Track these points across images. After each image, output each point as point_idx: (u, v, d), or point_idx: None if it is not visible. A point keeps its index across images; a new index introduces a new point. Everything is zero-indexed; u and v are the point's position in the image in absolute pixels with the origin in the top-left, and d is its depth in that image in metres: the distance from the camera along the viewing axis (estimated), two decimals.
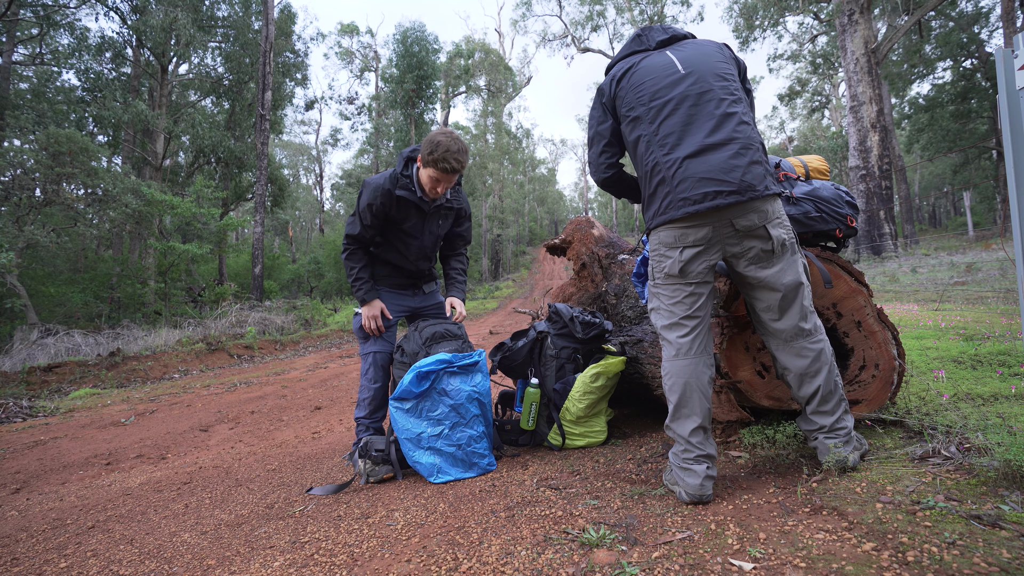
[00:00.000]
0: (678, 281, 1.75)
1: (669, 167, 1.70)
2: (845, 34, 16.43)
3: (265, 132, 14.67)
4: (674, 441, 1.80)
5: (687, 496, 1.69)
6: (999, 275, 8.69)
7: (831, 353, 1.74)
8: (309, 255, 27.44)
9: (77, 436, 4.38)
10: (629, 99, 1.81)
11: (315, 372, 7.06)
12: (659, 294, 1.82)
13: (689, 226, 1.69)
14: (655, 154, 1.74)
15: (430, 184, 2.41)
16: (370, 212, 2.46)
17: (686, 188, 1.66)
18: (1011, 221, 1.93)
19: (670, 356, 1.78)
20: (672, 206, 1.69)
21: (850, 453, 1.69)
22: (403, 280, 2.74)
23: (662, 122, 1.74)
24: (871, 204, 15.59)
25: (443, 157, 2.29)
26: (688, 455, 1.71)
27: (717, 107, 1.72)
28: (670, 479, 1.80)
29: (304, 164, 50.22)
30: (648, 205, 1.81)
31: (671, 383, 1.77)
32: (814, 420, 1.75)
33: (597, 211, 67.38)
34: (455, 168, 2.32)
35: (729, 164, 1.65)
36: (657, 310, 1.83)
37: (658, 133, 1.74)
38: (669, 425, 1.80)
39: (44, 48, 16.49)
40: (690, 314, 1.75)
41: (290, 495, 2.33)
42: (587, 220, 3.56)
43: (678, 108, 1.74)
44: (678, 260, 1.73)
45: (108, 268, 15.10)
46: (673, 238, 1.73)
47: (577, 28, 33.07)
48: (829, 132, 35.01)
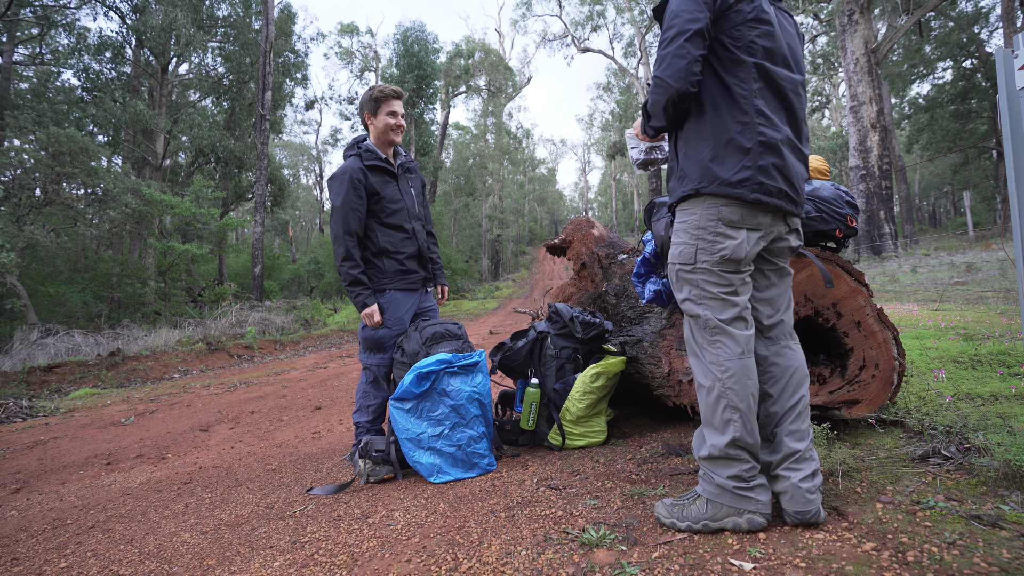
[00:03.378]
0: (734, 268, 1.51)
1: (763, 141, 1.48)
2: (845, 34, 16.43)
3: (265, 132, 14.67)
4: (720, 463, 1.49)
5: (762, 519, 1.44)
6: (999, 275, 8.69)
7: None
8: (309, 255, 27.44)
9: (77, 436, 4.38)
10: (750, 33, 1.50)
11: (315, 372, 7.06)
12: (704, 281, 1.52)
13: (759, 207, 1.50)
14: (752, 116, 1.48)
15: (390, 123, 2.62)
16: (353, 191, 2.53)
17: (766, 175, 1.48)
18: (1011, 221, 1.93)
19: (735, 354, 1.48)
20: (746, 185, 1.46)
21: (819, 503, 1.45)
22: (413, 265, 2.69)
23: (774, 91, 1.52)
24: (871, 204, 15.59)
25: (380, 90, 2.60)
26: (752, 476, 1.46)
27: (805, 109, 1.59)
28: (713, 513, 1.47)
29: (304, 164, 50.24)
30: (701, 160, 1.52)
31: (740, 388, 1.47)
32: (788, 445, 1.49)
33: (597, 211, 67.41)
34: (396, 91, 2.63)
35: (802, 176, 1.56)
36: (703, 301, 1.53)
37: (765, 97, 1.51)
38: (738, 441, 1.45)
39: (44, 48, 16.50)
40: (746, 305, 1.53)
41: (290, 495, 2.33)
42: (587, 220, 3.56)
43: (790, 91, 1.55)
44: (745, 243, 1.49)
45: (108, 268, 15.10)
46: (739, 216, 1.49)
47: (577, 28, 33.05)
48: (829, 132, 35.01)
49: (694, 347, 1.58)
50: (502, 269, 40.42)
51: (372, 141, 2.68)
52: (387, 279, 2.63)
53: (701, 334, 1.55)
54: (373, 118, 2.63)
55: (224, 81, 19.34)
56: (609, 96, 42.55)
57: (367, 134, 2.71)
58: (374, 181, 2.59)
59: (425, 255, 2.76)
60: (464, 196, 36.83)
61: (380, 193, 2.60)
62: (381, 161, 2.63)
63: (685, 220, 1.57)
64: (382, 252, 2.62)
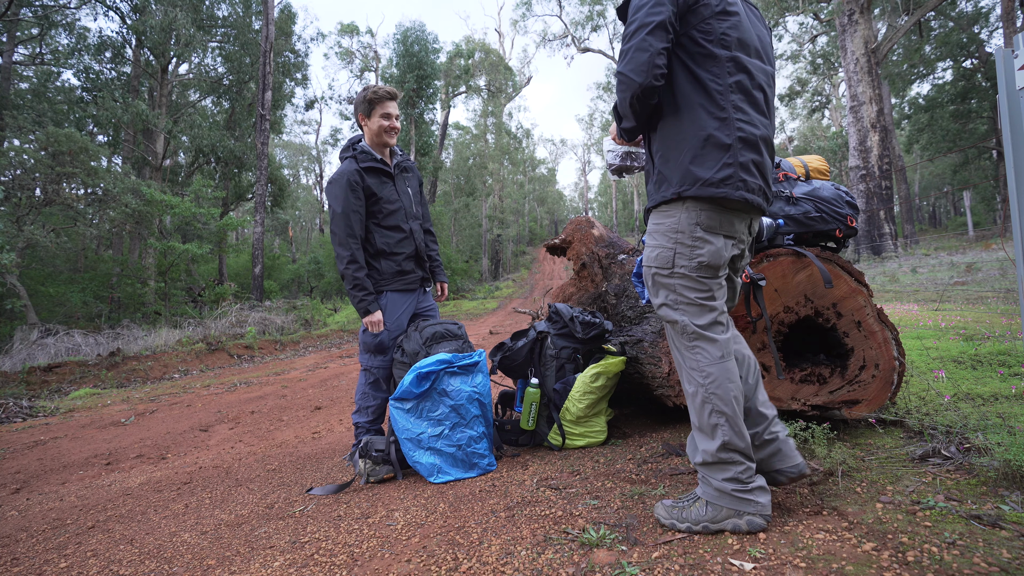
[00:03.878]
0: (711, 274, 1.49)
1: (743, 137, 1.45)
2: (845, 34, 16.43)
3: (265, 132, 14.67)
4: (714, 468, 1.48)
5: (762, 521, 1.43)
6: (999, 275, 8.69)
7: None
8: (309, 255, 27.45)
9: (77, 436, 4.38)
10: (720, 26, 1.47)
11: (315, 372, 7.06)
12: (681, 286, 1.50)
13: (735, 213, 1.49)
14: (729, 112, 1.44)
15: (384, 124, 2.60)
16: (352, 194, 2.52)
17: (748, 172, 1.45)
18: (1011, 221, 1.93)
19: (715, 358, 1.47)
20: (730, 183, 1.43)
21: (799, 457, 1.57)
22: (410, 266, 2.69)
23: (751, 84, 1.49)
24: (871, 204, 15.59)
25: (374, 91, 2.58)
26: (749, 478, 1.46)
27: (773, 107, 1.56)
28: (713, 516, 1.46)
29: (304, 164, 50.25)
30: (680, 162, 1.47)
31: (723, 392, 1.46)
32: (764, 412, 1.59)
33: (597, 211, 67.40)
34: (390, 92, 2.61)
35: (772, 171, 1.55)
36: (679, 306, 1.51)
37: (742, 91, 1.47)
38: (729, 445, 1.44)
39: (44, 48, 16.50)
40: (723, 309, 1.53)
41: (290, 495, 2.33)
42: (587, 220, 3.56)
43: (764, 84, 1.53)
44: (723, 249, 1.48)
45: (108, 268, 15.11)
46: (717, 222, 1.47)
47: (577, 28, 33.08)
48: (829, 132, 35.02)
49: (675, 352, 1.58)
50: (502, 269, 40.42)
51: (367, 142, 2.67)
52: (384, 280, 2.63)
53: (680, 340, 1.54)
54: (367, 119, 2.62)
55: (224, 81, 19.35)
56: (609, 96, 42.60)
57: (362, 135, 2.71)
58: (371, 182, 2.59)
59: (423, 255, 2.75)
60: (464, 196, 36.84)
61: (377, 194, 2.60)
62: (377, 162, 2.62)
63: (662, 223, 1.54)
64: (379, 254, 2.62)
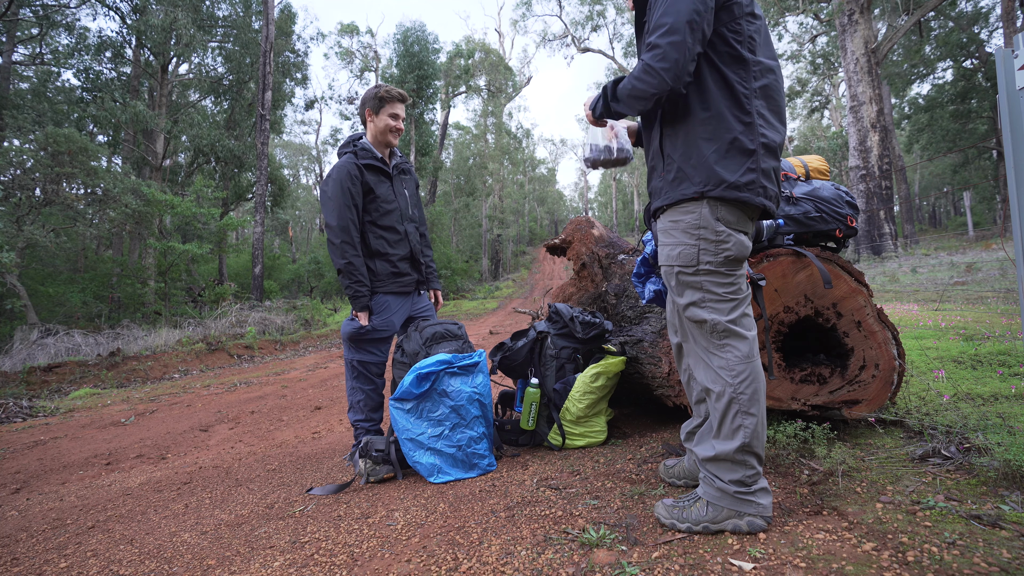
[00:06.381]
0: (738, 267, 1.49)
1: (765, 143, 1.47)
2: (845, 34, 16.43)
3: (265, 132, 14.67)
4: (724, 466, 1.47)
5: (762, 522, 1.43)
6: (999, 275, 8.70)
7: None
8: (309, 255, 27.43)
9: (77, 436, 4.38)
10: (749, 28, 1.46)
11: (315, 372, 7.06)
12: (708, 282, 1.49)
13: (749, 213, 1.51)
14: (754, 117, 1.46)
15: (391, 124, 2.61)
16: (351, 183, 2.52)
17: (768, 179, 1.48)
18: (1011, 221, 1.93)
19: (744, 356, 1.45)
20: (752, 188, 1.45)
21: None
22: (405, 267, 2.68)
23: (772, 90, 1.50)
24: (871, 204, 15.59)
25: (387, 91, 2.59)
26: (755, 480, 1.45)
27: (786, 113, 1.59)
28: (714, 516, 1.46)
29: (304, 164, 50.27)
30: (704, 161, 1.46)
31: (751, 392, 1.44)
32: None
33: (597, 211, 67.41)
34: (402, 95, 2.63)
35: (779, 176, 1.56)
36: (707, 304, 1.49)
37: (764, 97, 1.49)
38: (747, 448, 1.43)
39: (44, 48, 16.49)
40: (748, 299, 1.53)
41: (290, 495, 2.33)
42: (587, 220, 3.56)
43: (781, 90, 1.54)
44: (746, 240, 1.49)
45: (108, 268, 15.11)
46: (736, 218, 1.48)
47: (577, 28, 33.05)
48: (829, 132, 35.00)
49: (699, 353, 1.54)
50: (502, 269, 40.41)
51: (369, 140, 2.66)
52: (379, 282, 2.60)
53: (708, 339, 1.50)
54: (375, 116, 2.62)
55: (224, 81, 19.35)
56: None
57: (364, 132, 2.70)
58: (369, 179, 2.58)
59: (418, 257, 2.74)
60: (464, 196, 36.83)
61: (375, 191, 2.59)
62: (376, 160, 2.62)
63: (680, 219, 1.51)
64: (374, 254, 2.61)
